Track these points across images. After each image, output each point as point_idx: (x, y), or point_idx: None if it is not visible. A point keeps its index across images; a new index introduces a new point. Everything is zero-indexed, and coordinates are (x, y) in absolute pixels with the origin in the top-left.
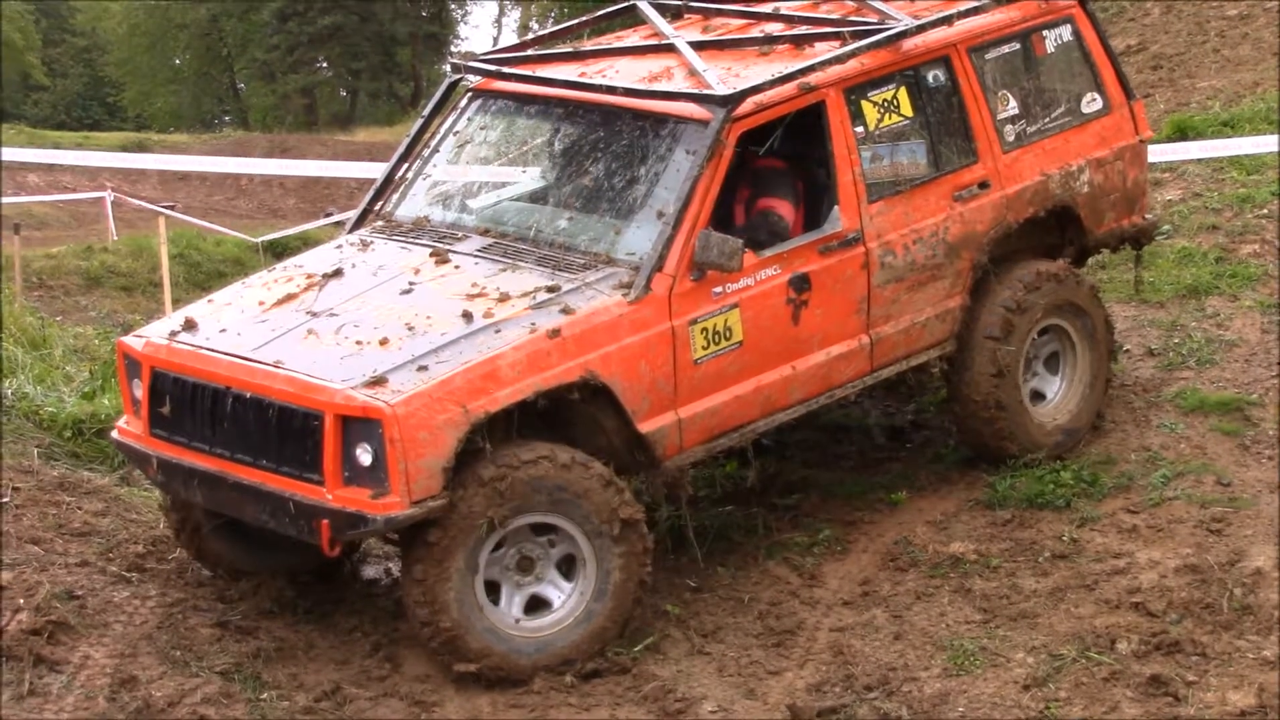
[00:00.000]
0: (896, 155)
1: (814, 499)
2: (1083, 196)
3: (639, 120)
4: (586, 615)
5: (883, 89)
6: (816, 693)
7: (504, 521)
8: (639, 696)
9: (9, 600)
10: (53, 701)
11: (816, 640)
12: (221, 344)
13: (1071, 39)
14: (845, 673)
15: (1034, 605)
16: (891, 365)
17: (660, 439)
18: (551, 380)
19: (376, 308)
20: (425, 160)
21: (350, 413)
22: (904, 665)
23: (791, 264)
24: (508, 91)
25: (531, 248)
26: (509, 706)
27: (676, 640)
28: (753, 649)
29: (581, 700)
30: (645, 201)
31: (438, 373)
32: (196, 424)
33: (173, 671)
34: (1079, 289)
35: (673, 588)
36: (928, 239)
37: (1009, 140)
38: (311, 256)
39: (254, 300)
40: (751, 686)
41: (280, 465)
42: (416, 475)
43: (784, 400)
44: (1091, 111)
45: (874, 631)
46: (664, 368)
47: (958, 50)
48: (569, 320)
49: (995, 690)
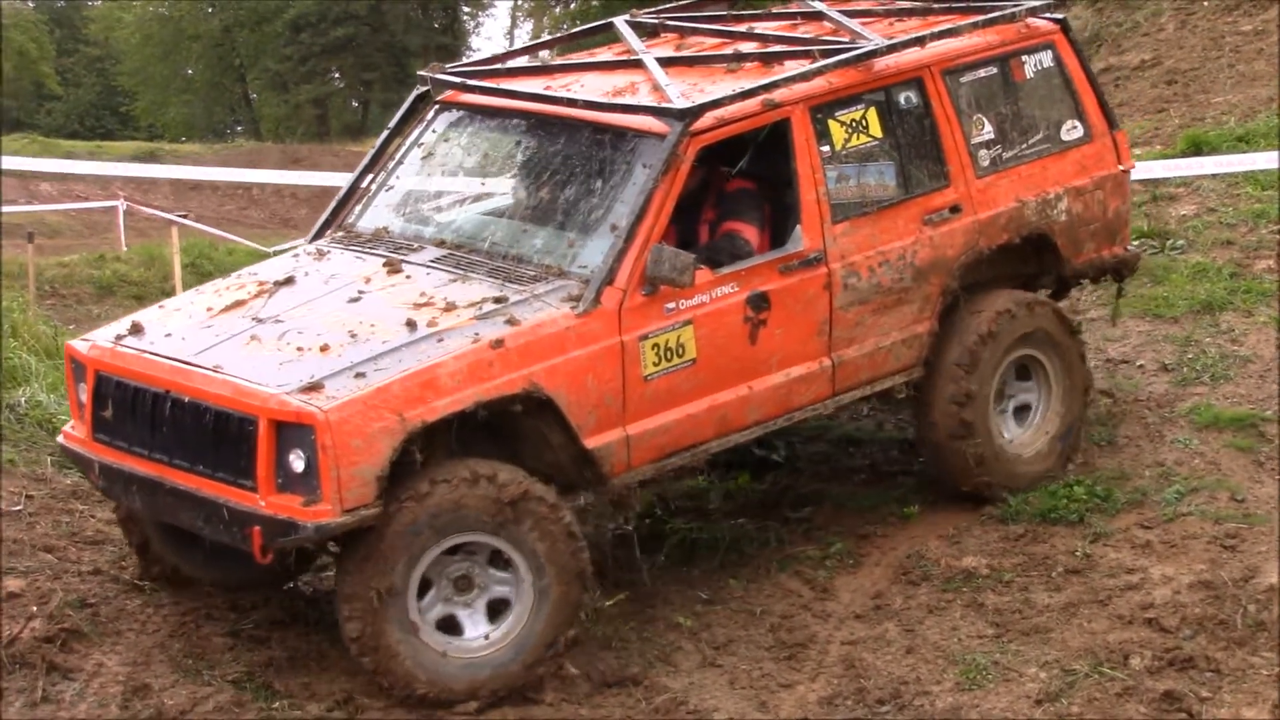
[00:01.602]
0: (864, 176)
1: (826, 512)
2: (1060, 225)
3: (598, 134)
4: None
5: (851, 109)
6: (828, 706)
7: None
8: (650, 709)
9: (23, 608)
10: (66, 709)
11: (828, 653)
12: (164, 348)
13: (1052, 65)
14: (857, 686)
15: (1047, 620)
16: (855, 389)
17: (607, 455)
18: (493, 391)
19: (322, 315)
20: (389, 172)
21: (284, 418)
22: (916, 679)
23: (750, 282)
24: (472, 104)
25: (485, 259)
26: (521, 718)
27: (688, 652)
28: (764, 662)
29: (593, 711)
30: (601, 215)
31: (375, 380)
32: (136, 428)
33: (185, 680)
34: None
35: (684, 600)
36: (895, 262)
37: (983, 165)
38: (267, 265)
39: (203, 306)
40: (763, 699)
41: (215, 471)
42: (349, 483)
43: (740, 420)
44: (1072, 139)
45: (886, 645)
46: (612, 383)
47: (931, 72)
48: (513, 331)
49: (1007, 705)
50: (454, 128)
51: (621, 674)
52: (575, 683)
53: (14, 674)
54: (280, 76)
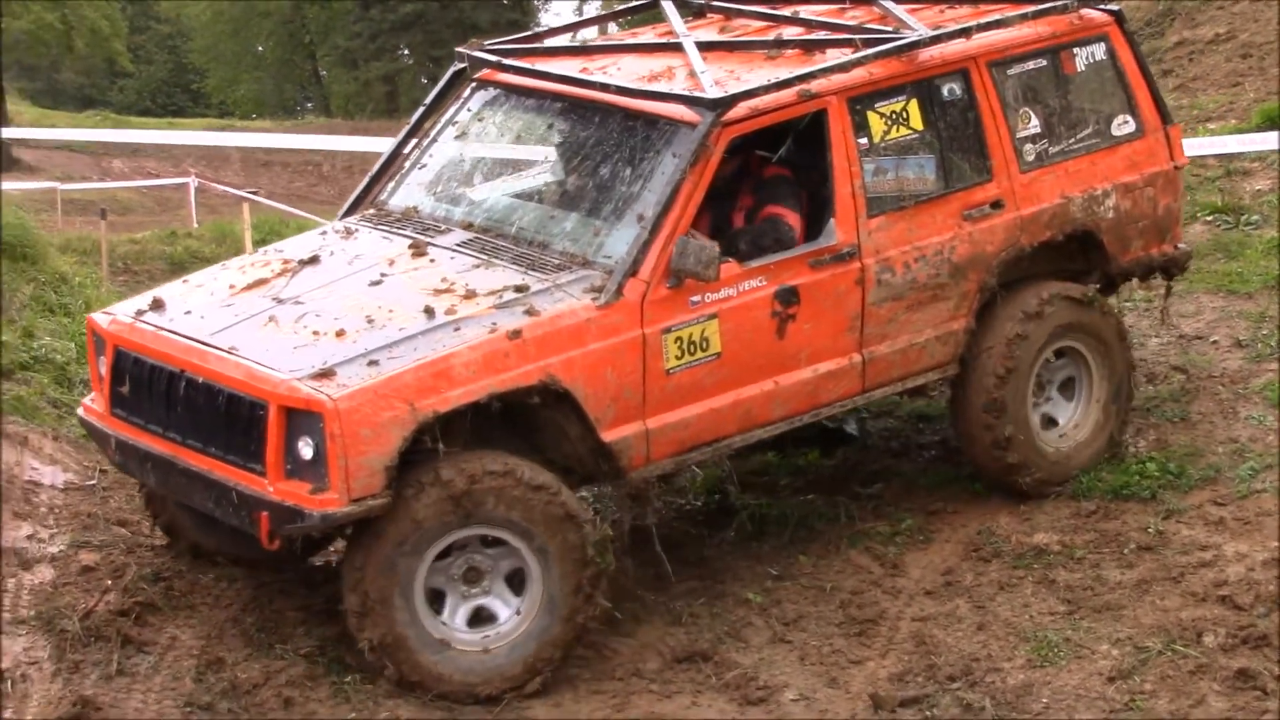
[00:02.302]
0: (903, 169)
1: (896, 488)
2: (1107, 222)
3: (630, 120)
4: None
5: (891, 100)
6: (899, 682)
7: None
8: (720, 684)
9: (97, 581)
10: (140, 682)
11: (899, 630)
12: (182, 326)
13: (1105, 58)
14: (928, 663)
15: (1119, 597)
16: (886, 386)
17: (626, 449)
18: (508, 383)
19: (342, 298)
20: (423, 150)
21: (293, 404)
22: (987, 656)
23: (779, 276)
24: (507, 84)
25: (511, 245)
26: (590, 694)
27: (758, 628)
28: (834, 638)
29: (663, 687)
30: (629, 204)
31: (388, 368)
32: (152, 406)
33: (258, 654)
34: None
35: (754, 576)
36: (931, 258)
37: (1028, 160)
38: (294, 242)
39: (226, 284)
40: (833, 675)
41: (227, 454)
42: (357, 473)
43: (764, 416)
44: (1122, 134)
45: (957, 622)
46: (632, 376)
47: (977, 64)
48: (532, 322)
49: (1079, 682)
50: (489, 107)
51: (691, 649)
52: (645, 658)
53: (89, 647)
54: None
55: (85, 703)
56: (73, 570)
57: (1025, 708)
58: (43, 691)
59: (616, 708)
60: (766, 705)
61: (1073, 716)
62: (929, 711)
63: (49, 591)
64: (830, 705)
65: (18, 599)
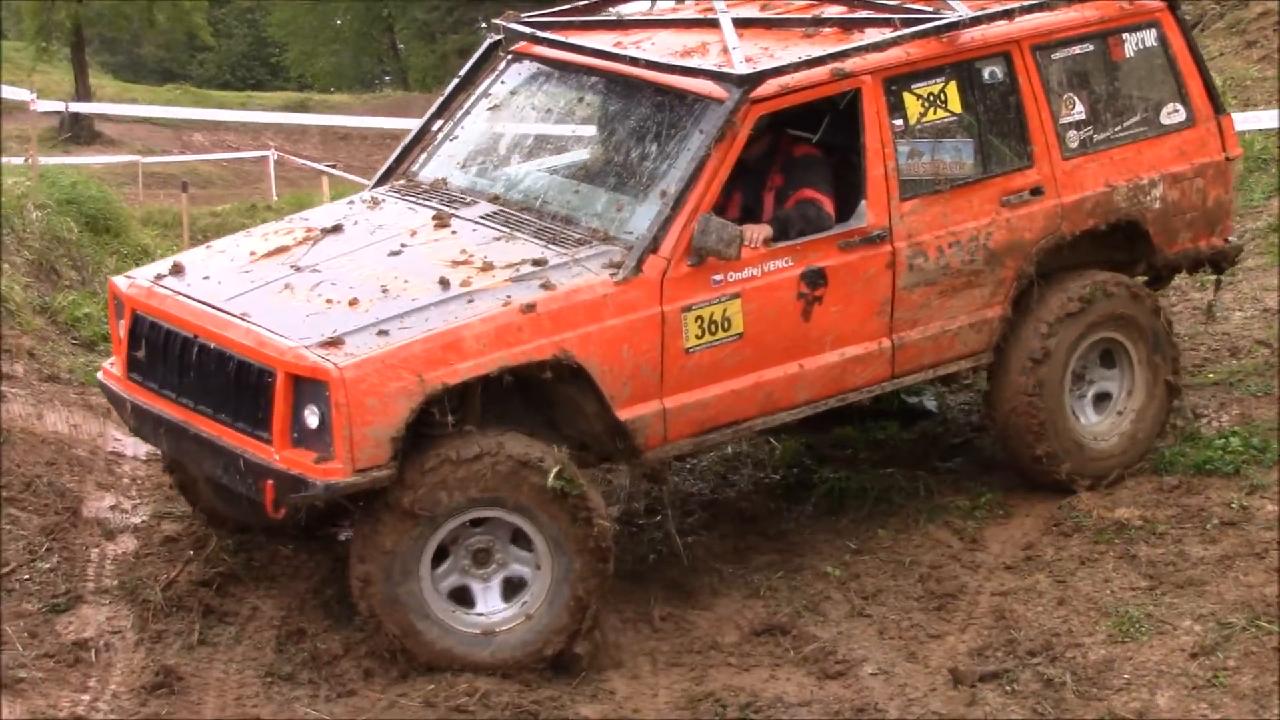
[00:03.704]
0: (939, 152)
1: (975, 462)
2: (1153, 212)
3: (660, 95)
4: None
5: (929, 82)
6: (978, 657)
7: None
8: (799, 657)
9: (179, 552)
10: (222, 651)
11: (978, 604)
12: (199, 292)
13: (1155, 44)
14: (1008, 637)
15: (1202, 573)
16: (916, 372)
17: (642, 428)
18: (520, 356)
19: (360, 267)
20: (456, 121)
21: (300, 372)
22: (1068, 631)
23: (806, 257)
24: (542, 56)
25: (534, 219)
26: (669, 666)
27: (837, 602)
28: (914, 612)
29: (741, 660)
30: (654, 180)
31: (397, 339)
32: (166, 371)
33: (338, 625)
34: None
35: (833, 549)
36: (966, 243)
37: (1071, 146)
38: (320, 211)
39: (247, 250)
40: (912, 650)
41: (236, 420)
42: (362, 443)
43: (787, 400)
44: (1172, 123)
45: (1037, 596)
46: (650, 354)
47: (1020, 47)
48: (547, 296)
49: (1162, 658)
50: (522, 80)
51: (770, 622)
52: (723, 631)
53: (171, 617)
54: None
55: (168, 672)
56: (155, 541)
57: (1106, 683)
58: (126, 661)
59: (695, 680)
60: (845, 679)
61: (1154, 693)
62: (1009, 686)
63: (132, 562)
64: (909, 679)
65: (101, 569)
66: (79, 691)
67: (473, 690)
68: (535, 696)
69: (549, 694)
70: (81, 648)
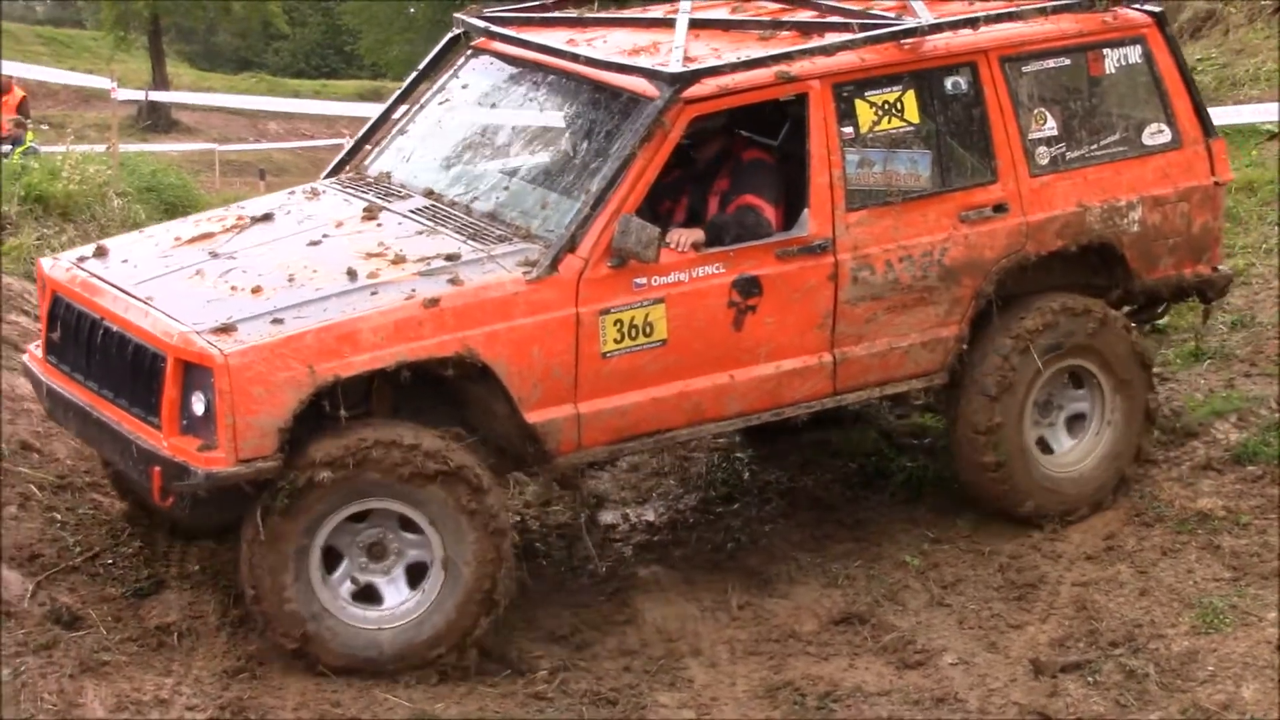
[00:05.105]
0: (892, 163)
1: None
2: (1130, 236)
3: (598, 93)
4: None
5: (884, 89)
6: (1060, 647)
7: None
8: (878, 647)
9: None
10: None
11: (1059, 594)
12: (113, 275)
13: (1140, 60)
14: (1089, 628)
15: None
16: (862, 389)
17: (553, 432)
18: (420, 352)
19: (276, 256)
20: (410, 116)
21: (188, 358)
22: (1150, 622)
23: (739, 265)
24: (498, 52)
25: (462, 214)
26: (747, 654)
27: (916, 591)
28: (994, 601)
29: (820, 649)
30: (581, 178)
31: (291, 328)
32: (76, 353)
33: None
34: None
35: (911, 539)
36: (919, 258)
37: (1041, 163)
38: (260, 200)
39: (172, 236)
40: (993, 640)
41: (132, 406)
42: (246, 432)
43: (716, 411)
44: (1155, 144)
45: (1119, 587)
46: (563, 357)
47: (988, 58)
48: (453, 291)
49: (1247, 650)
50: (476, 75)
51: (848, 611)
52: (802, 619)
53: None
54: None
55: (250, 658)
56: None
57: (1190, 675)
58: (208, 645)
59: (773, 669)
60: (925, 669)
61: (1240, 685)
62: (1091, 677)
63: (214, 547)
64: (990, 670)
65: (184, 555)
66: (162, 675)
67: (551, 677)
68: (614, 684)
69: (627, 681)
70: (165, 632)
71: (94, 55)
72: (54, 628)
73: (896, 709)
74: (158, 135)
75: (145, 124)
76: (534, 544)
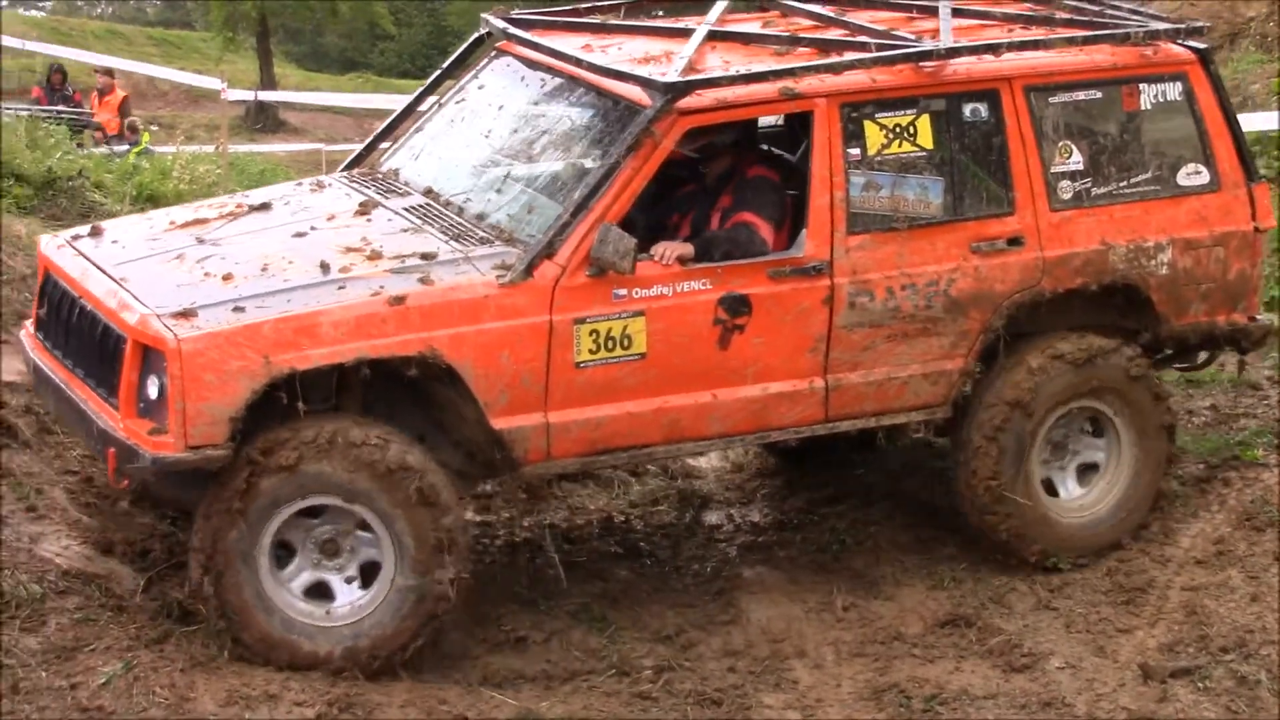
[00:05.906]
0: (901, 188)
1: None
2: (1158, 278)
3: (599, 99)
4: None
5: (896, 112)
6: (1169, 652)
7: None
8: (984, 650)
9: None
10: None
11: (1168, 599)
12: (99, 255)
13: (1180, 98)
14: (1199, 633)
15: None
16: (856, 418)
17: (520, 440)
18: (381, 349)
19: (258, 246)
20: (429, 115)
21: (145, 340)
22: (1262, 628)
23: (727, 282)
24: (515, 55)
25: (454, 215)
26: (852, 655)
27: (1022, 594)
28: (1101, 605)
29: (925, 652)
30: (569, 184)
31: (250, 317)
32: (57, 331)
33: (524, 610)
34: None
35: None
36: (923, 287)
37: (1063, 197)
38: (265, 190)
39: (167, 220)
40: (1101, 644)
41: (97, 385)
42: (196, 419)
43: (696, 430)
44: (1191, 185)
45: (1229, 592)
46: (533, 364)
47: (1011, 86)
48: (420, 290)
49: None
50: (495, 76)
51: (954, 614)
52: (907, 621)
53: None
54: None
55: None
56: None
57: None
58: None
59: (879, 671)
60: (1031, 672)
61: None
62: (1201, 683)
63: None
64: (1097, 674)
65: None
66: (271, 670)
67: (656, 677)
68: (719, 684)
69: (732, 682)
70: None
71: (203, 56)
72: (165, 623)
73: (1003, 712)
74: (265, 135)
75: (255, 125)
76: (638, 544)
